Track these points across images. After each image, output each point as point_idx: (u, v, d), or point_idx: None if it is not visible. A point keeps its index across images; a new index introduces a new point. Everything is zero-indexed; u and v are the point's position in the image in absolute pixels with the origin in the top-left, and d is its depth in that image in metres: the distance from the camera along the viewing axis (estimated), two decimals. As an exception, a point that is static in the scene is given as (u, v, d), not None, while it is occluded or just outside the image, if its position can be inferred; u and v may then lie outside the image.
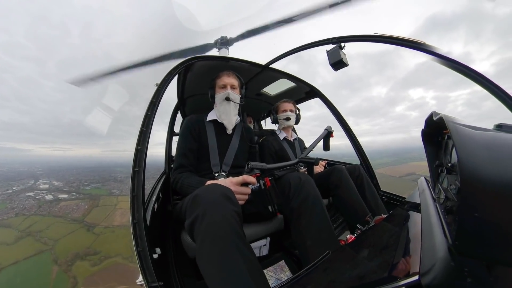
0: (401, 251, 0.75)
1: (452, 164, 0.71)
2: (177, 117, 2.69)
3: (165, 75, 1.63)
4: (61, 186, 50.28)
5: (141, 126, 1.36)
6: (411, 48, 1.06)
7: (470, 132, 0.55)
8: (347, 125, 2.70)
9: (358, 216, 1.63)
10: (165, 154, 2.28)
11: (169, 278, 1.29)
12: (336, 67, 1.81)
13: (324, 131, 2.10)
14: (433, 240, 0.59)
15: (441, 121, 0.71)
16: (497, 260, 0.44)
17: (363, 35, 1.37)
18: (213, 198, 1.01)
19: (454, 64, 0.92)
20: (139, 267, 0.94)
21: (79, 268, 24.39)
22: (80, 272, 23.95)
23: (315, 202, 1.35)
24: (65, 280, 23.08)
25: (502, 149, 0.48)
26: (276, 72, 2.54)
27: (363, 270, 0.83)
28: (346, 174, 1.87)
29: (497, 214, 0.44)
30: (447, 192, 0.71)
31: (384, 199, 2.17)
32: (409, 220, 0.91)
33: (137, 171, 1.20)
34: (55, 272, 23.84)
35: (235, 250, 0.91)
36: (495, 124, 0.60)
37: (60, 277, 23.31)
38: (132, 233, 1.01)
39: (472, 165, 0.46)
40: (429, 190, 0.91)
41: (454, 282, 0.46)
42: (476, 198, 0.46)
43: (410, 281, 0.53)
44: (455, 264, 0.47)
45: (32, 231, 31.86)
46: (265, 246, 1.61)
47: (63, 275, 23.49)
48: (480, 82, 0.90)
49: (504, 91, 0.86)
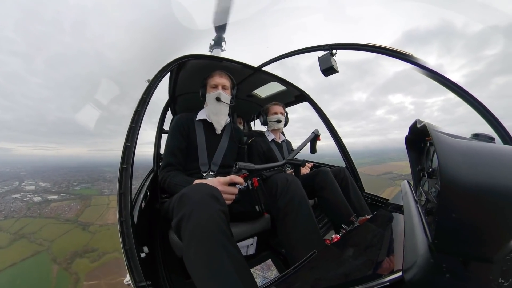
0: (385, 249, 0.79)
1: (433, 169, 0.76)
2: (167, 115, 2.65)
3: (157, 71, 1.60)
4: (48, 187, 48.43)
5: (130, 123, 1.32)
6: (399, 59, 1.12)
7: (450, 140, 0.59)
8: (334, 129, 2.78)
9: (342, 217, 1.69)
10: (154, 152, 2.24)
11: (157, 277, 1.27)
12: (327, 73, 1.86)
13: (312, 134, 2.14)
14: (415, 239, 0.63)
15: (424, 129, 0.75)
16: (471, 256, 0.48)
17: (354, 43, 1.42)
18: (200, 198, 1.01)
19: (438, 77, 0.99)
20: (126, 267, 0.92)
21: (79, 265, 24.50)
22: (81, 268, 24.08)
23: (301, 203, 1.38)
24: (67, 277, 23.23)
25: (478, 156, 0.53)
26: (268, 75, 2.57)
27: (349, 268, 0.87)
28: (331, 176, 1.93)
29: (472, 215, 0.48)
30: (428, 195, 0.76)
31: (368, 201, 2.25)
32: (393, 221, 0.96)
33: (125, 168, 1.17)
34: (56, 270, 23.90)
35: (221, 249, 0.92)
36: (472, 133, 0.65)
37: (61, 274, 23.49)
38: (120, 231, 0.99)
39: (451, 171, 0.49)
40: (411, 192, 0.96)
41: (434, 277, 0.49)
42: (453, 200, 0.49)
43: (393, 278, 0.56)
44: (435, 260, 0.50)
45: (25, 233, 31.25)
46: (252, 245, 1.62)
47: (64, 273, 23.62)
48: (457, 92, 0.97)
49: (476, 99, 0.94)
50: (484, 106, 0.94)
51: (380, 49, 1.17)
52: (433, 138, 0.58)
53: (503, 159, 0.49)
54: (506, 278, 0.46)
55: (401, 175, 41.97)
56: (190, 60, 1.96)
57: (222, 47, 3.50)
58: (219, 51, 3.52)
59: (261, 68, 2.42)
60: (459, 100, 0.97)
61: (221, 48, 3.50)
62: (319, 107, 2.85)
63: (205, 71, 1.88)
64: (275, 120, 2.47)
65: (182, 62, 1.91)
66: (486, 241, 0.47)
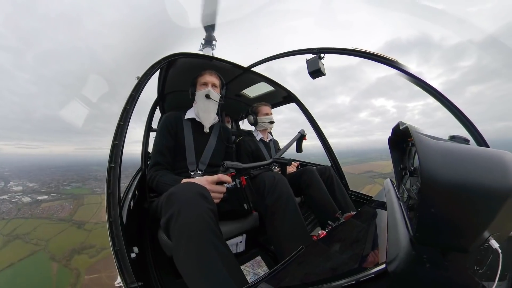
0: (369, 244, 0.83)
1: (415, 167, 0.80)
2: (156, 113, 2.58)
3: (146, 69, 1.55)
4: (37, 187, 46.14)
5: (118, 120, 1.28)
6: (384, 64, 1.18)
7: (430, 141, 0.63)
8: (319, 130, 2.84)
9: (328, 213, 1.73)
10: (142, 151, 2.17)
11: (148, 278, 1.24)
12: (314, 76, 1.90)
13: (298, 134, 2.17)
14: (397, 233, 0.67)
15: (407, 130, 0.79)
16: (449, 247, 0.52)
17: (342, 48, 1.46)
18: (188, 197, 1.00)
19: (420, 82, 1.05)
20: (117, 268, 0.89)
21: (78, 261, 24.48)
22: (80, 264, 24.05)
23: (288, 200, 1.40)
24: (67, 273, 23.26)
25: (454, 156, 0.56)
26: (257, 76, 2.57)
27: (336, 262, 0.90)
28: (316, 174, 1.98)
29: (449, 210, 0.51)
30: (410, 192, 0.81)
31: (353, 198, 2.31)
32: (376, 217, 1.00)
33: (113, 167, 1.13)
34: (55, 267, 23.84)
35: (211, 248, 0.92)
36: (450, 135, 0.69)
37: (62, 271, 23.48)
38: (109, 232, 0.95)
39: (431, 169, 0.52)
40: (394, 190, 1.01)
41: (415, 268, 0.53)
42: (433, 197, 0.52)
43: (378, 270, 0.59)
44: (416, 252, 0.54)
45: (19, 234, 30.26)
46: (241, 243, 1.63)
47: (64, 269, 23.63)
48: (437, 97, 1.04)
49: (454, 105, 1.00)
50: (461, 111, 1.01)
51: (366, 54, 1.21)
52: (415, 139, 0.62)
53: (476, 159, 0.53)
54: (481, 265, 0.50)
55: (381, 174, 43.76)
56: (180, 58, 1.92)
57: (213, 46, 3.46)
58: (210, 50, 3.48)
59: (251, 68, 2.42)
60: (438, 105, 1.03)
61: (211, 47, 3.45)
62: (305, 108, 2.90)
63: (195, 69, 1.85)
64: (269, 121, 2.49)
65: (172, 60, 1.87)
66: (462, 233, 0.50)
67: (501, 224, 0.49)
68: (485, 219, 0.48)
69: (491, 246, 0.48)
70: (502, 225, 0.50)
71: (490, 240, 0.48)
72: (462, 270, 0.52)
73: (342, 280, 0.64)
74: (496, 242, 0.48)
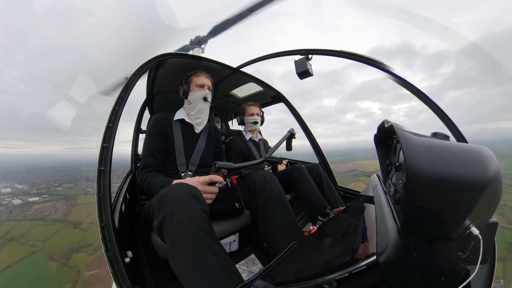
0: (359, 237, 0.85)
1: (400, 163, 0.84)
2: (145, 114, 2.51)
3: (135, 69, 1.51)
4: (26, 189, 44.28)
5: (107, 122, 1.23)
6: (371, 66, 1.21)
7: (414, 137, 0.66)
8: (308, 129, 2.88)
9: (318, 209, 1.76)
10: (132, 152, 2.11)
11: (144, 282, 1.20)
12: (302, 76, 1.92)
13: (287, 133, 2.19)
14: (386, 225, 0.69)
15: (391, 128, 0.82)
16: (434, 236, 0.55)
17: (330, 49, 1.49)
18: (180, 198, 0.99)
19: (403, 82, 1.09)
20: (111, 274, 0.86)
21: (77, 259, 24.34)
22: (79, 262, 23.96)
23: (279, 198, 1.41)
24: (67, 271, 23.19)
25: (437, 152, 0.59)
26: (246, 76, 2.57)
27: (328, 256, 0.91)
28: (305, 172, 2.01)
29: (433, 202, 0.54)
30: (396, 186, 0.84)
31: (341, 193, 2.36)
32: (365, 211, 1.03)
33: (103, 170, 1.09)
34: (55, 266, 23.67)
35: (205, 248, 0.91)
36: (432, 132, 0.73)
37: (61, 269, 23.38)
38: (101, 237, 0.92)
39: (415, 164, 0.55)
40: (381, 185, 1.05)
41: (404, 257, 0.55)
42: (418, 190, 0.54)
43: (369, 261, 0.61)
44: (404, 242, 0.56)
45: (13, 236, 29.64)
46: (234, 242, 1.62)
47: (63, 267, 23.53)
48: (421, 98, 1.09)
49: (436, 104, 1.06)
50: (442, 109, 1.07)
51: (354, 56, 1.25)
52: (399, 136, 0.64)
53: (457, 154, 0.56)
54: (464, 251, 0.53)
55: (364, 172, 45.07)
56: (169, 58, 1.88)
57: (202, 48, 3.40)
58: (199, 51, 3.43)
59: (240, 69, 2.41)
60: (421, 107, 1.08)
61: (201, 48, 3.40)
62: (294, 108, 2.93)
63: (184, 70, 1.82)
64: (252, 122, 2.49)
65: (161, 60, 1.83)
66: (445, 223, 0.53)
67: (480, 212, 0.52)
68: (466, 209, 0.51)
69: (472, 233, 0.52)
70: (481, 214, 0.53)
71: (471, 227, 0.52)
72: (447, 256, 0.55)
73: (335, 273, 0.65)
74: (477, 229, 0.52)
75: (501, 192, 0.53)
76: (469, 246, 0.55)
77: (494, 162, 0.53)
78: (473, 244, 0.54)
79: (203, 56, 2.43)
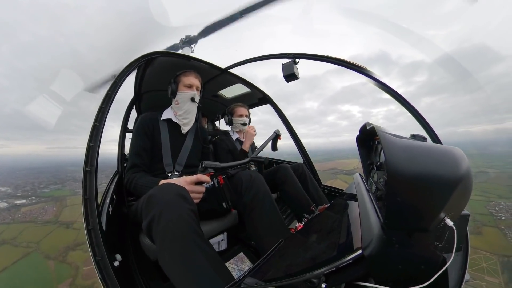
0: (344, 232, 0.88)
1: (381, 162, 0.88)
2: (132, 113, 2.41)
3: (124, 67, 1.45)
4: (10, 191, 40.78)
5: (94, 121, 1.17)
6: (355, 71, 1.26)
7: (394, 139, 0.69)
8: (292, 129, 2.93)
9: (303, 207, 1.80)
10: (118, 152, 2.02)
11: (134, 285, 1.15)
12: (289, 79, 1.95)
13: (273, 134, 2.21)
14: (369, 221, 0.72)
15: (373, 130, 0.86)
16: (414, 229, 0.58)
17: (316, 54, 1.53)
18: (168, 198, 0.97)
19: (385, 87, 1.15)
20: (100, 280, 0.81)
21: (74, 257, 23.38)
22: (77, 258, 22.92)
23: (265, 197, 1.41)
24: (66, 267, 22.55)
25: (415, 152, 0.63)
26: (234, 77, 2.56)
27: (315, 252, 0.93)
28: (290, 171, 2.05)
29: (412, 197, 0.57)
30: (377, 184, 0.88)
31: (325, 191, 2.42)
32: (348, 207, 1.07)
33: (89, 171, 1.04)
34: (52, 264, 22.81)
35: (195, 248, 0.90)
36: (411, 134, 0.78)
37: (59, 266, 22.66)
38: (88, 241, 0.86)
39: (395, 164, 0.58)
40: (363, 183, 1.09)
41: (387, 250, 0.58)
42: (398, 187, 0.58)
43: (355, 255, 0.63)
44: (387, 236, 0.59)
45: (5, 239, 28.06)
46: (223, 241, 1.61)
47: (61, 265, 22.80)
48: (401, 102, 1.15)
49: (417, 110, 1.12)
50: (419, 113, 1.14)
51: (338, 61, 1.29)
52: (380, 138, 0.67)
53: (433, 154, 0.60)
54: (440, 241, 0.57)
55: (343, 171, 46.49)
56: (158, 56, 1.83)
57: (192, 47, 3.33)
58: (189, 50, 3.35)
59: (228, 69, 2.40)
60: (400, 111, 1.14)
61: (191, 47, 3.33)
62: (279, 109, 2.97)
63: (172, 69, 1.77)
64: (241, 123, 2.48)
65: (150, 59, 1.77)
66: (423, 216, 0.57)
67: (454, 206, 0.56)
68: (441, 203, 0.55)
69: (447, 224, 0.56)
70: (454, 207, 0.57)
71: (445, 219, 0.56)
72: (426, 246, 0.59)
73: (323, 268, 0.67)
74: (451, 221, 0.56)
75: (471, 187, 0.57)
76: (445, 236, 0.59)
77: (465, 161, 0.57)
78: (448, 234, 0.58)
79: (192, 55, 2.38)
